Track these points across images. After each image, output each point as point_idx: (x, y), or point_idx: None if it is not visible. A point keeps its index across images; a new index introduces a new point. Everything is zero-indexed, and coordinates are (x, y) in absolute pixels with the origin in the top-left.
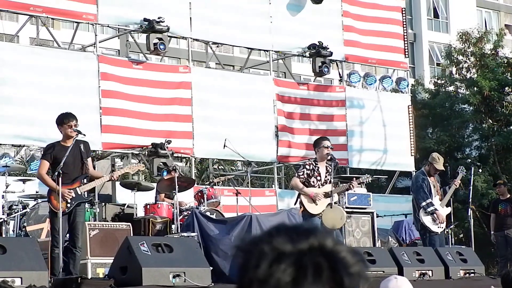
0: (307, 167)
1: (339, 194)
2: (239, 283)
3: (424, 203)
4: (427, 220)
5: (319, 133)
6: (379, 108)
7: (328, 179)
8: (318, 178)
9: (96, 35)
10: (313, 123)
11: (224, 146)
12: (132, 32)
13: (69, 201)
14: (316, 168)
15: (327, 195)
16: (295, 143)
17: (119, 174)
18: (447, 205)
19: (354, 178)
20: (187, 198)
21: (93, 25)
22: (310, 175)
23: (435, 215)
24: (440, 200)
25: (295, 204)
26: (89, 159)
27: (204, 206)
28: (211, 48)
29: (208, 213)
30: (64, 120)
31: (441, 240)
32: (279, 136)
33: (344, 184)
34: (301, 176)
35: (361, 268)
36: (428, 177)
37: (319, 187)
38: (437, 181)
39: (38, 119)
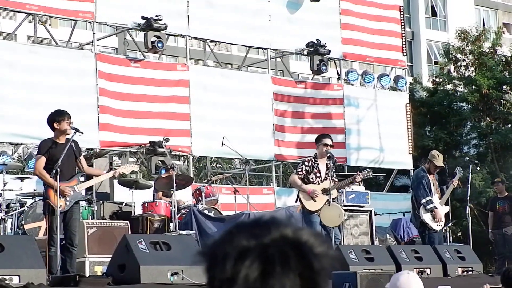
0: (306, 163)
1: (339, 189)
2: (210, 286)
3: (423, 200)
4: (427, 217)
5: (315, 131)
6: (377, 106)
7: (328, 176)
8: (318, 174)
9: (93, 33)
10: (309, 121)
11: (222, 144)
12: (130, 30)
13: (68, 198)
14: (316, 164)
15: (325, 191)
16: (290, 142)
17: (121, 171)
18: (446, 204)
19: (358, 172)
20: (185, 196)
21: (90, 23)
22: (309, 171)
23: (434, 212)
24: (439, 199)
25: (295, 201)
26: (82, 157)
27: (202, 204)
28: (209, 46)
29: (206, 211)
30: (64, 117)
31: (440, 238)
32: (275, 135)
33: (348, 179)
34: (299, 173)
35: (326, 248)
36: (428, 175)
37: (318, 184)
38: (436, 179)
39: (36, 117)
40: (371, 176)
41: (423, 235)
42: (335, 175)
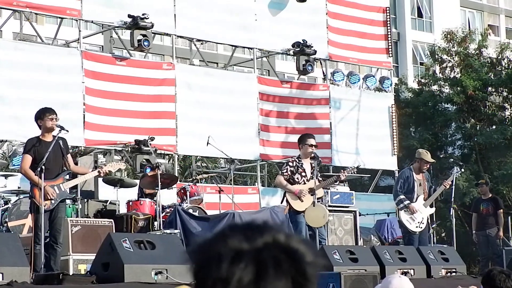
0: (290, 164)
1: (325, 188)
2: (201, 286)
3: (395, 201)
4: (404, 219)
5: (300, 131)
6: (362, 106)
7: (313, 176)
8: (303, 174)
9: (80, 30)
10: (294, 121)
11: (208, 143)
12: (116, 28)
13: (52, 201)
14: (300, 164)
15: (312, 191)
16: (275, 142)
17: (107, 169)
18: (432, 205)
19: (342, 170)
20: (169, 194)
21: (77, 20)
22: (294, 171)
23: (408, 208)
24: (425, 200)
25: (281, 202)
26: (69, 155)
27: (187, 203)
28: (195, 45)
29: (190, 210)
30: (46, 113)
31: (424, 240)
32: (260, 135)
33: (332, 177)
34: (284, 174)
35: (316, 256)
36: (414, 174)
37: (304, 183)
38: (427, 180)
39: (21, 114)
40: (355, 173)
41: (404, 236)
42: (319, 175)
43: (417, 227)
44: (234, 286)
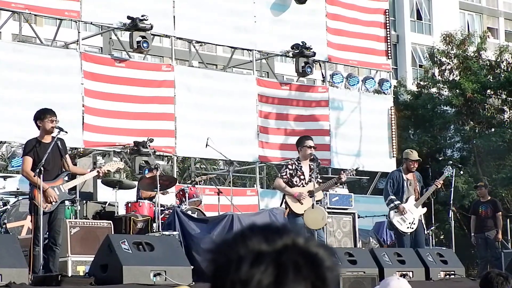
0: (290, 167)
1: (325, 191)
2: (219, 286)
3: (386, 201)
4: (395, 220)
5: (299, 133)
6: (361, 109)
7: (311, 178)
8: (302, 177)
9: (79, 32)
10: (293, 123)
11: (206, 145)
12: (115, 30)
13: (53, 203)
14: (299, 167)
15: (311, 193)
16: (274, 144)
17: (106, 169)
18: (425, 205)
19: (342, 172)
20: (168, 197)
21: (76, 22)
22: (293, 174)
23: (398, 209)
24: (416, 200)
25: (280, 205)
26: (67, 156)
27: (185, 205)
28: (194, 47)
29: (189, 212)
30: (47, 115)
31: (420, 242)
32: (259, 137)
33: (332, 180)
34: (284, 177)
35: (334, 261)
36: (404, 175)
37: (303, 186)
38: (418, 180)
39: (20, 115)
40: (354, 174)
41: (395, 237)
42: (319, 177)
43: (408, 228)
44: None
